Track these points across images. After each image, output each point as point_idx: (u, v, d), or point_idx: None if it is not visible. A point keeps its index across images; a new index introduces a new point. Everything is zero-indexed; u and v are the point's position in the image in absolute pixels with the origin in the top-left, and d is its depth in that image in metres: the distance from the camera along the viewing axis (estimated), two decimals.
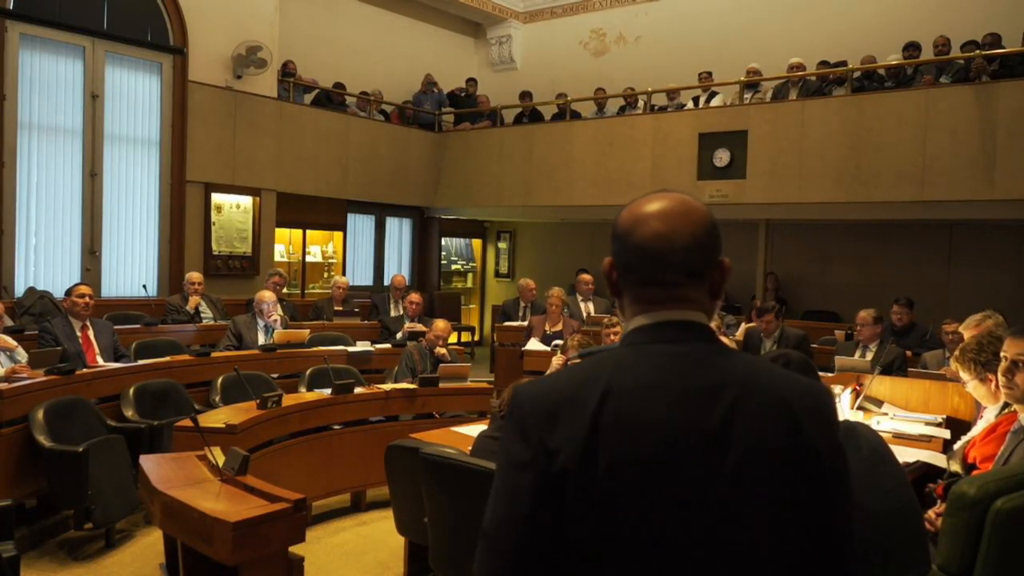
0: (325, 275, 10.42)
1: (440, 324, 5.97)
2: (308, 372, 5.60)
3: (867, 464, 2.15)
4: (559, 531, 1.06)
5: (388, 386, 5.33)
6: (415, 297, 7.79)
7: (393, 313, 8.34)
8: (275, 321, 6.61)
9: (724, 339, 5.30)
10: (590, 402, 1.07)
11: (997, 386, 2.69)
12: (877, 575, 1.99)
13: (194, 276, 7.34)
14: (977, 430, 3.11)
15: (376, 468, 4.10)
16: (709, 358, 1.12)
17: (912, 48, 8.25)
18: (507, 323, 8.54)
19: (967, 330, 4.11)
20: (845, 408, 4.24)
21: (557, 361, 5.14)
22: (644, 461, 1.05)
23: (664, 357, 1.12)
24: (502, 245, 12.73)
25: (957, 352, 3.19)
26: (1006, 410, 2.88)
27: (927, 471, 3.43)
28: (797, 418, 1.09)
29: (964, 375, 3.12)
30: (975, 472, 2.67)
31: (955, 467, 2.97)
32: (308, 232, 10.16)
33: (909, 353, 6.25)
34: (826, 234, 9.44)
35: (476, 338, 12.16)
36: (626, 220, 1.18)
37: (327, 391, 4.92)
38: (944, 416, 4.41)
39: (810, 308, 9.33)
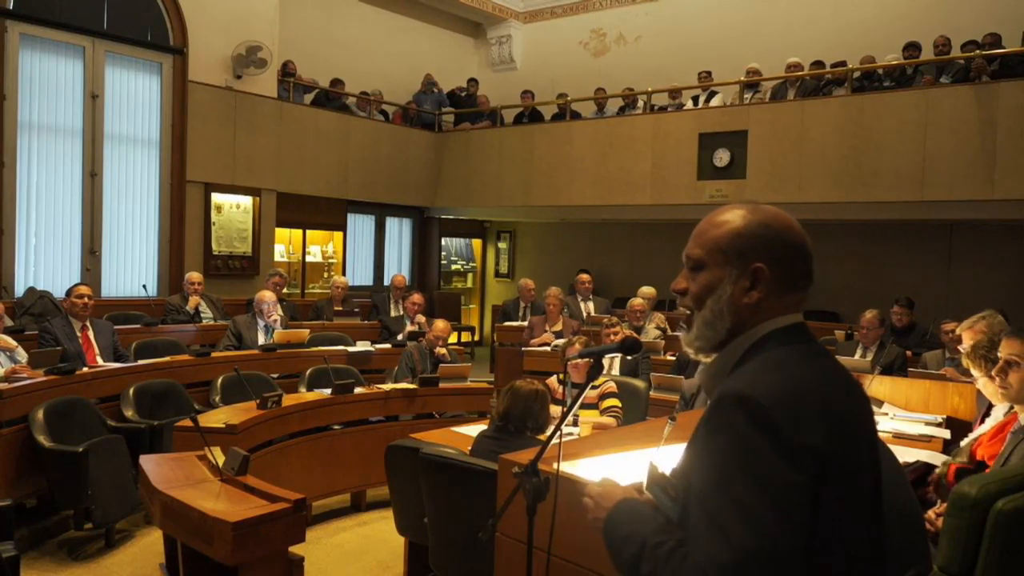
0: (325, 275, 10.42)
1: (440, 324, 5.97)
2: (308, 372, 5.59)
3: None
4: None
5: (388, 386, 5.33)
6: (417, 298, 7.78)
7: (393, 313, 8.34)
8: (275, 321, 6.60)
9: None
10: (814, 399, 1.14)
11: None
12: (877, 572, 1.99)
13: (194, 276, 7.34)
14: (986, 427, 3.11)
15: (376, 468, 4.10)
16: (831, 355, 1.29)
17: (912, 48, 8.24)
18: (507, 323, 8.55)
19: (965, 331, 4.10)
20: None
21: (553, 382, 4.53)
22: (863, 450, 1.20)
23: (824, 356, 1.26)
24: (502, 245, 12.72)
25: (969, 349, 3.18)
26: (1014, 409, 2.88)
27: (927, 471, 3.43)
28: None
29: (975, 372, 3.11)
30: (987, 471, 2.67)
31: (962, 458, 2.96)
32: (308, 232, 10.15)
33: (909, 353, 6.26)
34: (826, 234, 9.44)
35: (476, 338, 12.16)
36: (798, 232, 1.29)
37: (327, 391, 4.92)
38: (944, 416, 4.40)
39: (810, 308, 9.33)
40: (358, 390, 5.02)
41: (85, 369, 5.13)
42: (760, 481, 1.07)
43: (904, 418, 4.39)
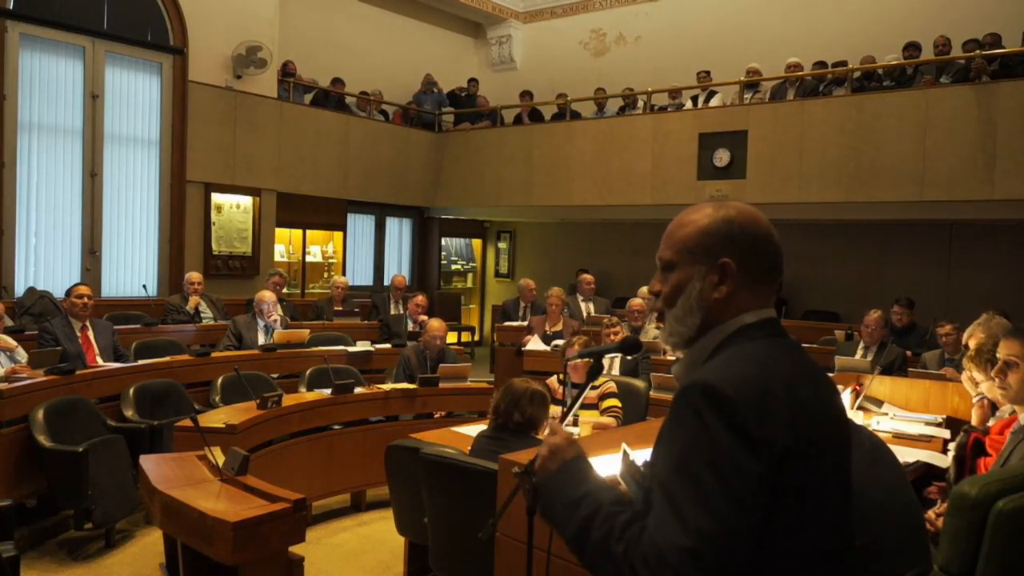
0: (325, 275, 10.42)
1: (434, 324, 5.92)
2: (308, 372, 5.58)
3: (869, 458, 2.14)
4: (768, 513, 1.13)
5: (388, 386, 5.33)
6: (421, 300, 7.77)
7: (393, 312, 8.34)
8: (275, 321, 6.60)
9: None
10: (781, 391, 1.16)
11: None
12: (878, 572, 1.99)
13: (194, 276, 7.34)
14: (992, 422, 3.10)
15: (376, 468, 4.10)
16: (802, 348, 1.31)
17: (912, 48, 8.24)
18: (507, 323, 8.54)
19: (969, 339, 4.07)
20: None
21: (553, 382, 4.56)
22: (829, 441, 1.22)
23: (794, 349, 1.28)
24: (502, 245, 12.72)
25: (972, 353, 3.16)
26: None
27: (927, 471, 3.43)
28: None
29: (979, 376, 3.09)
30: (988, 467, 2.66)
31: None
32: (308, 232, 10.16)
33: (909, 353, 6.26)
34: (826, 234, 9.44)
35: (476, 338, 12.16)
36: (763, 225, 1.31)
37: (327, 391, 4.92)
38: (944, 416, 4.40)
39: (810, 308, 9.33)
40: (358, 390, 5.02)
41: (85, 369, 5.12)
42: (718, 468, 1.09)
43: (904, 418, 4.39)
